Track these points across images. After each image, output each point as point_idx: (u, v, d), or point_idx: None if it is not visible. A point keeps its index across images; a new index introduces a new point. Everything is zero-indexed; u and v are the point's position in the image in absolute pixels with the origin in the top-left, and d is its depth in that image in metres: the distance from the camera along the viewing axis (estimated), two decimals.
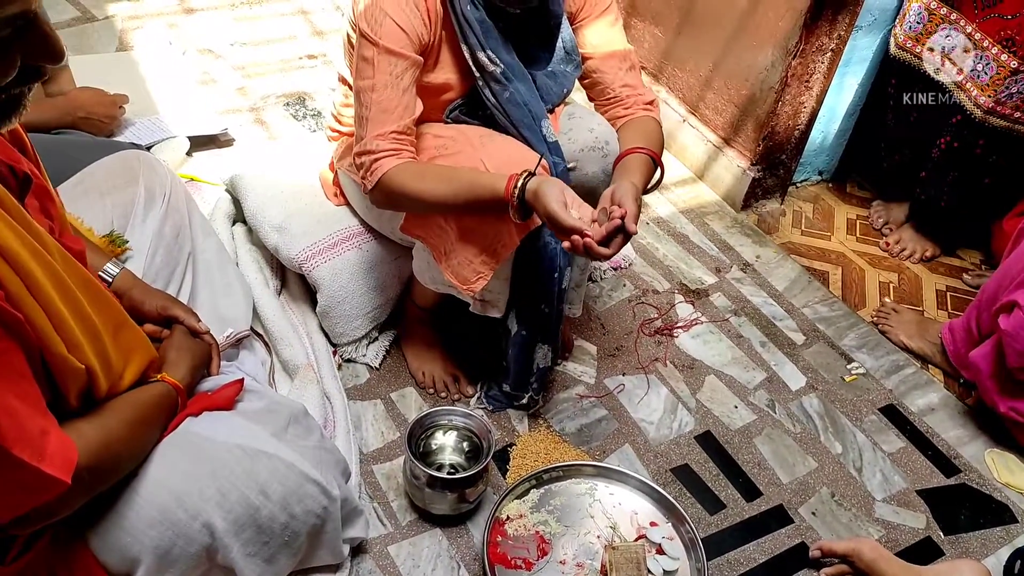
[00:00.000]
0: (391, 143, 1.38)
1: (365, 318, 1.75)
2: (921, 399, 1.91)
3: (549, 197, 1.27)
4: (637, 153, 1.46)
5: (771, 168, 2.36)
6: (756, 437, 1.77)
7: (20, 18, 0.80)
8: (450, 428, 1.57)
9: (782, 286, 2.17)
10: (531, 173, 1.32)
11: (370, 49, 1.36)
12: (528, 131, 1.46)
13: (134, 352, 1.14)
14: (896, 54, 2.17)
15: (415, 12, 1.37)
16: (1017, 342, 1.61)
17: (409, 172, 1.37)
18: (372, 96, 1.37)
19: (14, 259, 0.89)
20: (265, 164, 1.95)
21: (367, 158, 1.38)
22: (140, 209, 1.52)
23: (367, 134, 1.38)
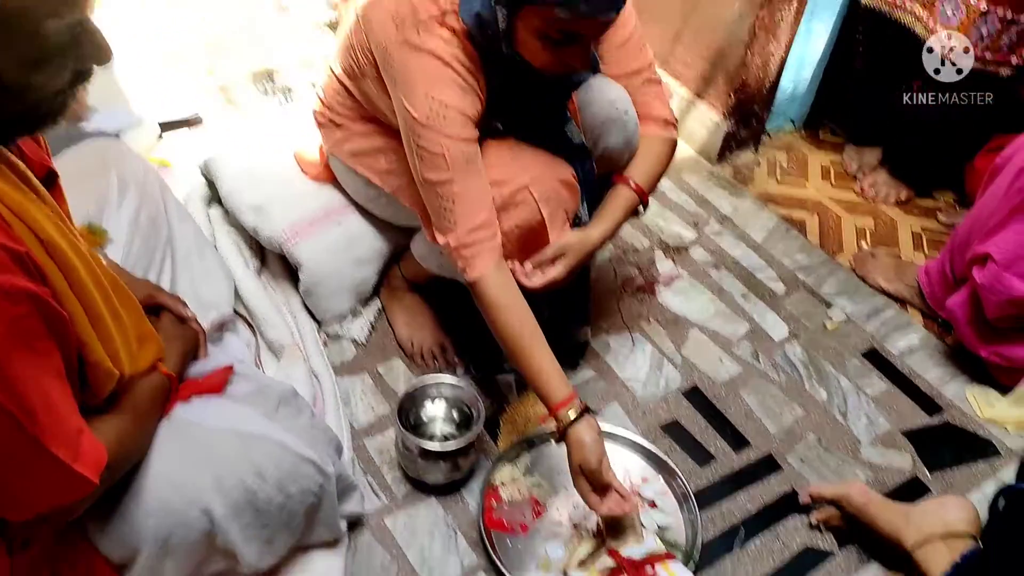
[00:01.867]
0: (484, 232, 1.36)
1: (348, 294, 1.75)
2: (902, 341, 1.94)
3: (592, 453, 1.32)
4: (626, 188, 1.51)
5: (744, 119, 2.36)
6: (742, 388, 1.80)
7: (79, 26, 0.83)
8: (439, 398, 1.58)
9: (760, 237, 2.19)
10: (587, 409, 1.35)
11: (437, 144, 1.31)
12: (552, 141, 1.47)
13: (149, 351, 1.15)
14: (867, 2, 2.16)
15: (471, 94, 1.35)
16: (993, 295, 1.63)
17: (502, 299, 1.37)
18: (454, 189, 1.33)
19: (60, 256, 0.90)
20: (238, 144, 1.93)
21: (466, 252, 1.36)
22: (114, 198, 1.50)
23: (459, 228, 1.35)
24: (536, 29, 1.24)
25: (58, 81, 0.85)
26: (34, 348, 0.85)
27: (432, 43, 1.31)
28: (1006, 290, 1.61)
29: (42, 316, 0.85)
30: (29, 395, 0.84)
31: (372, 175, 1.58)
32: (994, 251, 1.63)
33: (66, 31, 0.82)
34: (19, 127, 0.90)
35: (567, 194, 1.46)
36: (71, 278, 0.91)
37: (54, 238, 0.89)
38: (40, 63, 0.83)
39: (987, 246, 1.65)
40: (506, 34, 1.28)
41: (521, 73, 1.34)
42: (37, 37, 0.80)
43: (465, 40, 1.33)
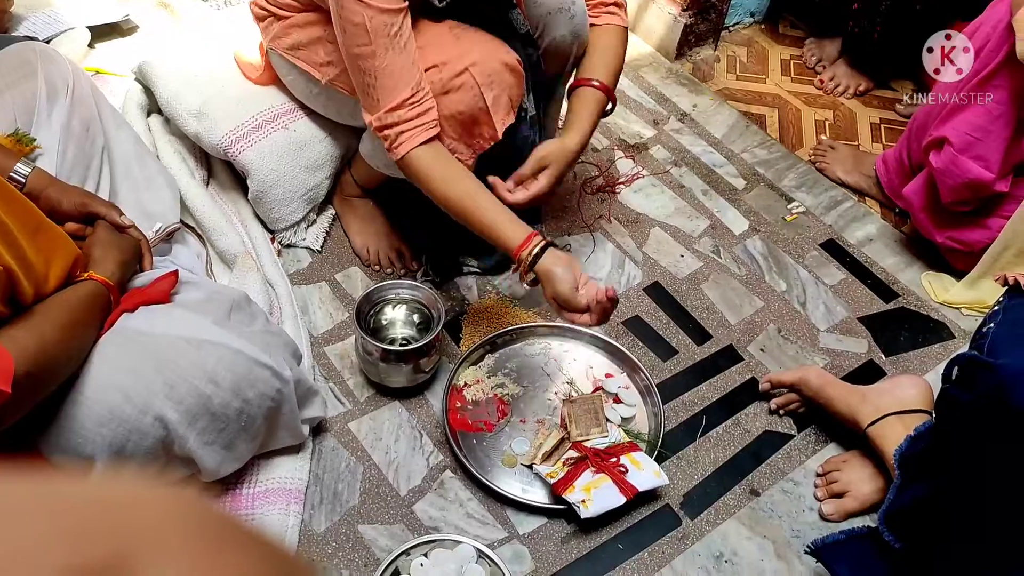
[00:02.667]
0: (409, 110, 1.31)
1: (300, 201, 1.70)
2: (859, 231, 1.95)
3: (560, 282, 1.30)
4: (591, 88, 1.47)
5: (702, 13, 2.31)
6: (703, 283, 1.79)
7: None
8: (398, 302, 1.55)
9: (720, 133, 2.16)
10: (549, 242, 1.32)
11: (359, 13, 1.25)
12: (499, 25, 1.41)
13: (55, 253, 1.09)
14: None
15: None
16: (949, 178, 1.63)
17: (437, 169, 1.34)
18: (375, 64, 1.28)
19: None
20: (174, 48, 1.84)
21: (389, 132, 1.32)
22: (43, 104, 1.42)
23: (380, 107, 1.31)
24: None
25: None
26: None
27: None
28: (962, 173, 1.61)
29: None
30: None
31: (311, 68, 1.52)
32: (950, 134, 1.62)
33: None
34: None
35: (511, 79, 1.40)
36: None
37: None
38: None
39: (943, 130, 1.64)
40: None
41: None
42: None
43: None
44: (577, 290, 1.31)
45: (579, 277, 1.32)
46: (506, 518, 1.39)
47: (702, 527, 1.41)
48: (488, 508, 1.40)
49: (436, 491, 1.41)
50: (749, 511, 1.43)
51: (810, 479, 1.48)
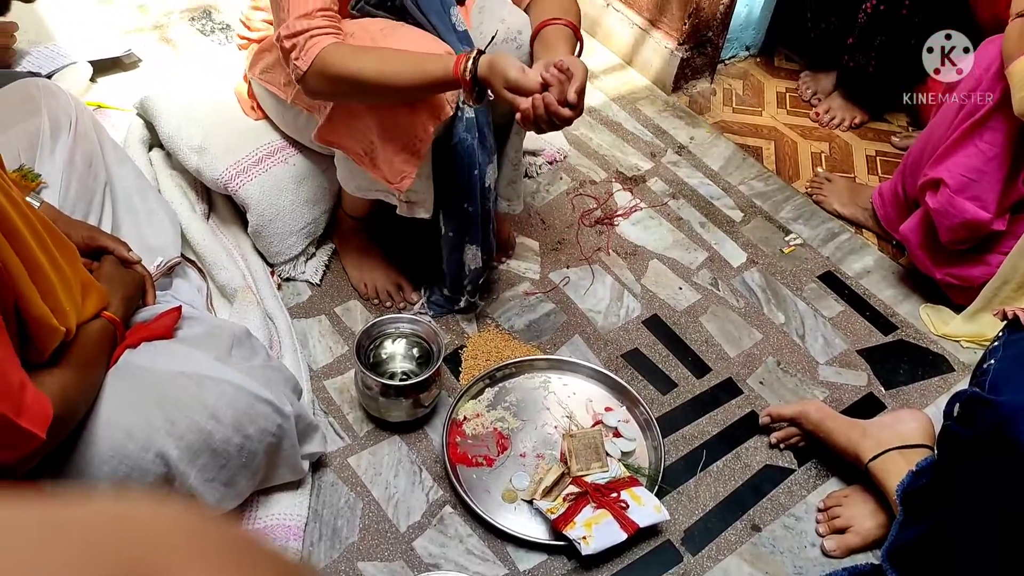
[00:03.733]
0: (320, 19, 1.29)
1: (299, 234, 1.70)
2: (857, 263, 1.95)
3: (508, 66, 1.23)
4: (555, 25, 1.40)
5: (699, 47, 2.33)
6: (702, 316, 1.80)
7: None
8: (398, 336, 1.55)
9: (717, 165, 2.18)
10: (481, 52, 1.27)
11: None
12: (437, 18, 1.40)
13: (92, 291, 1.10)
14: None
15: None
16: (946, 218, 1.64)
17: (347, 50, 1.29)
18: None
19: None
20: (176, 83, 1.86)
21: (298, 39, 1.28)
22: (47, 140, 1.44)
23: (290, 15, 1.28)
24: None
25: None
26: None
27: None
28: (959, 213, 1.62)
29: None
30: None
31: (276, 89, 1.53)
32: (946, 176, 1.63)
33: None
34: None
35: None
36: (5, 228, 0.87)
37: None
38: None
39: (938, 171, 1.65)
40: None
41: None
42: None
43: None
44: (523, 71, 1.25)
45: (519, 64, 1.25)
46: (506, 554, 1.38)
47: (703, 563, 1.40)
48: (488, 544, 1.39)
49: (436, 527, 1.40)
50: (751, 547, 1.43)
51: (811, 514, 1.47)
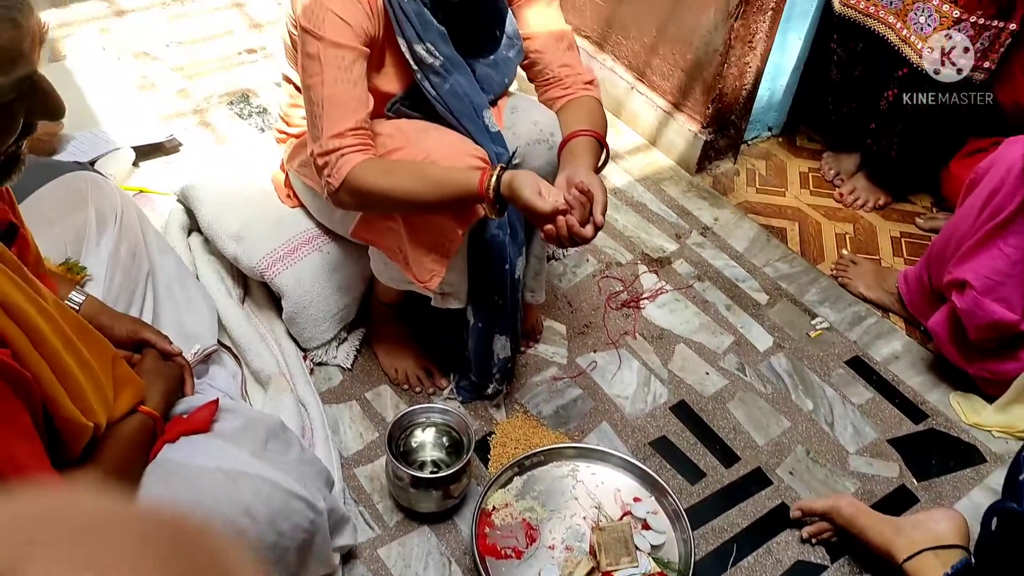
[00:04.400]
0: (352, 139, 1.34)
1: (332, 320, 1.74)
2: (885, 348, 1.96)
3: (524, 186, 1.26)
4: (583, 136, 1.45)
5: (722, 129, 2.37)
6: (729, 402, 1.80)
7: (25, 81, 0.82)
8: (429, 425, 1.57)
9: (742, 247, 2.20)
10: (504, 167, 1.31)
11: (314, 45, 1.33)
12: (469, 122, 1.45)
13: (126, 388, 1.13)
14: (841, 12, 2.18)
15: (356, 5, 1.34)
16: (974, 319, 1.65)
17: (376, 168, 1.34)
18: (323, 92, 1.33)
19: (19, 314, 0.88)
20: (215, 170, 1.92)
21: (330, 157, 1.34)
22: (93, 233, 1.48)
23: (323, 134, 1.34)
24: None
25: (7, 137, 0.85)
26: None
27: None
28: (986, 315, 1.63)
29: (3, 377, 0.84)
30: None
31: (314, 183, 1.58)
32: (971, 277, 1.64)
33: (12, 88, 0.81)
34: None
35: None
36: (33, 336, 0.89)
37: (11, 297, 0.87)
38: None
39: (964, 272, 1.66)
40: None
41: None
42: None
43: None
44: (541, 194, 1.27)
45: (544, 189, 1.28)
46: None
47: None
48: None
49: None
50: None
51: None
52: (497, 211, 1.33)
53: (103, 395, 1.04)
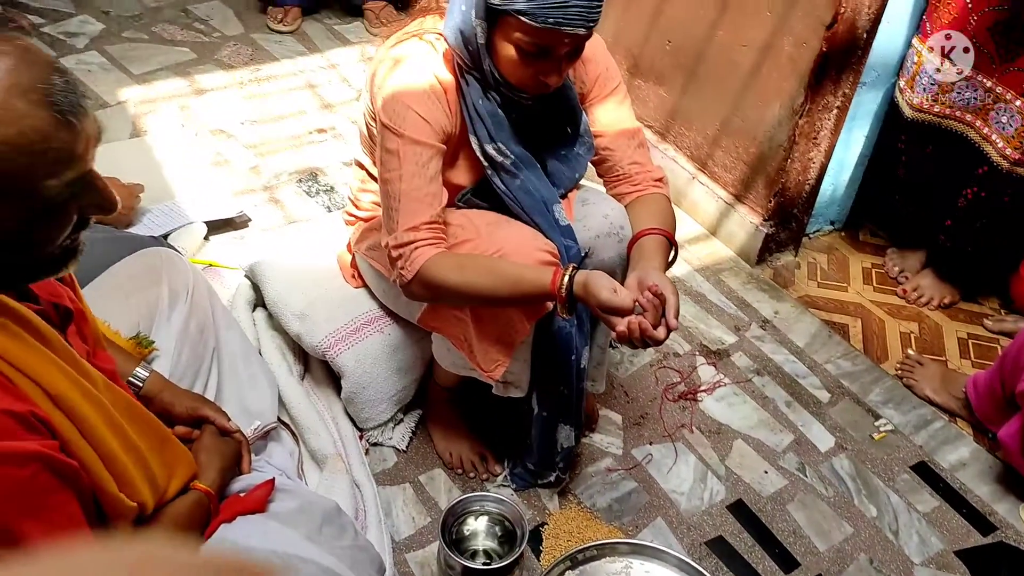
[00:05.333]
0: (426, 232, 1.37)
1: (390, 401, 1.75)
2: (952, 454, 1.89)
3: (600, 287, 1.28)
4: (653, 235, 1.47)
5: (784, 222, 2.37)
6: (789, 503, 1.75)
7: (79, 181, 0.85)
8: (482, 513, 1.56)
9: (803, 342, 2.17)
10: (576, 267, 1.33)
11: (394, 141, 1.37)
12: (539, 216, 1.47)
13: (177, 467, 1.15)
14: (914, 117, 2.16)
15: (436, 104, 1.39)
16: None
17: (449, 263, 1.36)
18: (400, 187, 1.37)
19: (67, 405, 0.90)
20: (283, 248, 1.97)
21: (404, 250, 1.36)
22: (164, 308, 1.53)
23: (399, 227, 1.37)
24: (512, 41, 1.30)
25: (60, 233, 0.88)
26: (46, 504, 0.85)
27: (408, 51, 1.40)
28: None
29: (51, 471, 0.85)
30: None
31: (383, 268, 1.60)
32: None
33: (65, 189, 0.84)
34: (24, 276, 0.92)
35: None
36: (81, 426, 0.92)
37: (60, 387, 0.89)
38: (40, 219, 0.85)
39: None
40: (486, 48, 1.34)
41: (503, 97, 1.40)
42: (36, 196, 0.82)
43: (446, 59, 1.41)
44: (615, 292, 1.27)
45: (619, 288, 1.28)
46: None
47: None
48: None
49: None
50: None
51: None
52: (568, 310, 1.33)
53: (149, 475, 1.05)
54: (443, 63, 1.41)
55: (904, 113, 2.18)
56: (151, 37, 2.99)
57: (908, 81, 2.17)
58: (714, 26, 2.26)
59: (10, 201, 0.82)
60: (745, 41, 2.19)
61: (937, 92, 2.10)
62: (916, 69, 2.13)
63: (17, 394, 0.85)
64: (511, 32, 1.29)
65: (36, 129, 0.80)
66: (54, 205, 0.85)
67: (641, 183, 1.57)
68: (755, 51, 2.17)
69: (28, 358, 0.88)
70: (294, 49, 3.04)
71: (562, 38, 1.28)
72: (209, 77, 2.83)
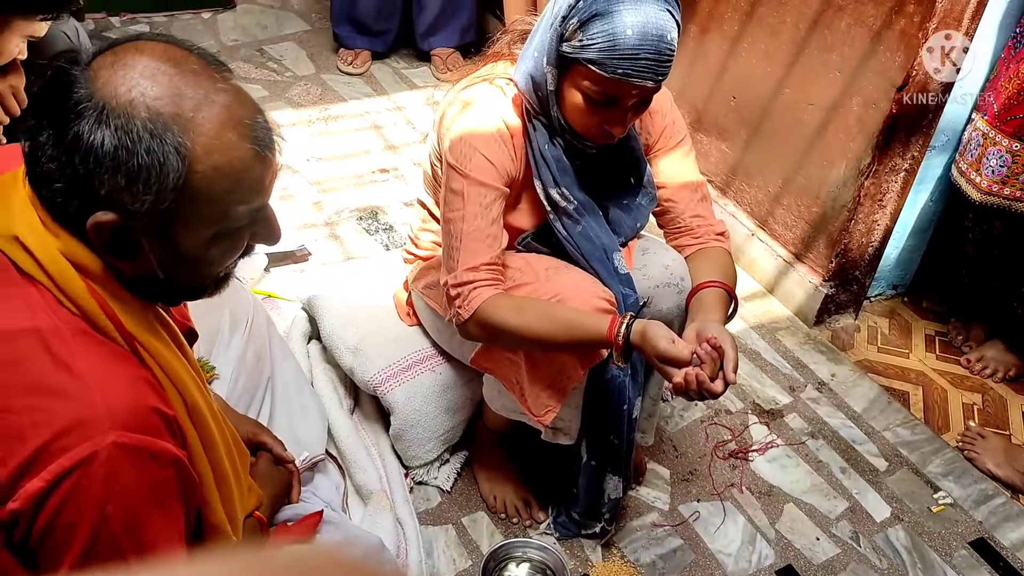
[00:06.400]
0: (485, 273, 1.37)
1: (438, 440, 1.74)
2: (1013, 532, 1.82)
3: (658, 337, 1.27)
4: (713, 287, 1.45)
5: (844, 284, 2.33)
6: (841, 572, 1.70)
7: (260, 210, 0.90)
8: (524, 560, 1.54)
9: (860, 407, 2.11)
10: (634, 316, 1.32)
11: (460, 182, 1.38)
12: (599, 264, 1.47)
13: (252, 496, 1.16)
14: (983, 200, 2.05)
15: (503, 148, 1.41)
16: None
17: (507, 305, 1.36)
18: (463, 227, 1.38)
19: (200, 419, 0.93)
20: (340, 283, 1.99)
21: (463, 289, 1.37)
22: (225, 334, 1.56)
23: (459, 266, 1.38)
24: (580, 89, 1.31)
25: (231, 258, 0.92)
26: (166, 510, 0.86)
27: (478, 94, 1.42)
28: None
29: (179, 479, 0.87)
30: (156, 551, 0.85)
31: (438, 306, 1.61)
32: None
33: (248, 215, 0.88)
34: (187, 294, 0.96)
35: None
36: (206, 440, 0.94)
37: (197, 401, 0.92)
38: (219, 241, 0.88)
39: None
40: (555, 95, 1.35)
41: (568, 144, 1.41)
42: (226, 219, 0.87)
43: (514, 104, 1.42)
44: (673, 343, 1.26)
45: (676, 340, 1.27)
46: None
47: None
48: None
49: None
50: None
51: None
52: (623, 358, 1.32)
53: (245, 504, 1.07)
54: (511, 108, 1.43)
55: (971, 197, 2.08)
56: None
57: (973, 164, 2.07)
58: (781, 84, 2.26)
59: (207, 221, 0.86)
60: (812, 100, 2.19)
61: (1006, 175, 2.02)
62: (982, 152, 2.05)
63: (164, 398, 0.88)
64: (580, 80, 1.31)
65: (241, 159, 0.85)
66: (236, 231, 0.89)
67: (703, 236, 1.56)
68: (822, 110, 2.16)
69: (174, 364, 0.91)
70: (362, 91, 3.11)
71: (630, 89, 1.29)
72: (279, 114, 2.91)
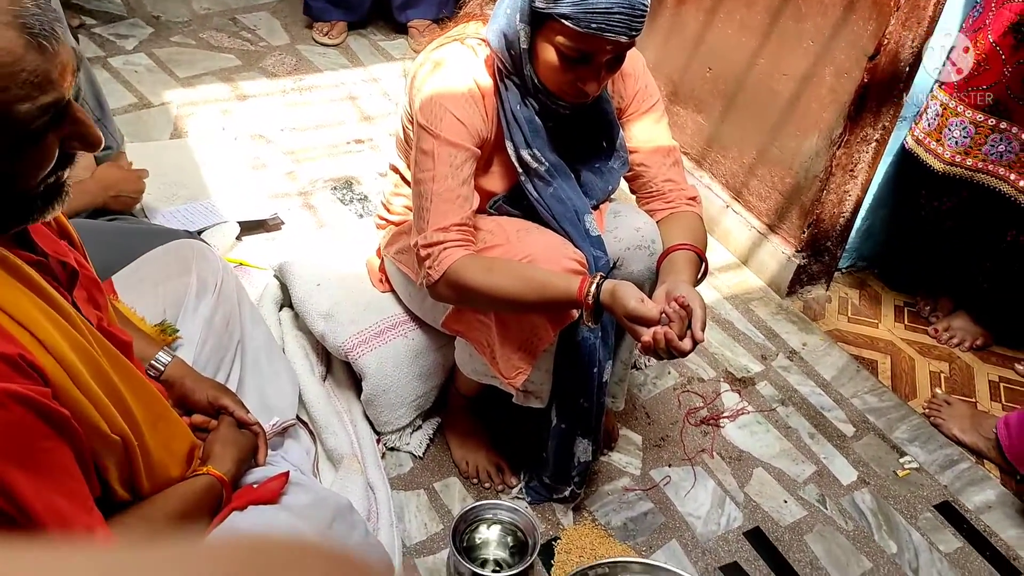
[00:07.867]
0: (456, 234, 1.37)
1: (410, 406, 1.74)
2: (977, 496, 1.85)
3: (628, 296, 1.26)
4: (683, 250, 1.46)
5: (816, 254, 2.35)
6: (807, 534, 1.72)
7: (53, 106, 0.83)
8: (495, 522, 1.54)
9: (830, 375, 2.14)
10: (604, 276, 1.32)
11: (430, 142, 1.38)
12: (570, 226, 1.47)
13: (173, 443, 1.15)
14: (945, 170, 2.09)
15: (474, 107, 1.40)
16: None
17: (477, 265, 1.36)
18: (433, 187, 1.37)
19: (58, 352, 0.90)
20: (313, 250, 1.98)
21: (433, 250, 1.36)
22: (192, 298, 1.54)
23: (429, 227, 1.37)
24: (554, 45, 1.31)
25: (41, 166, 0.86)
26: (35, 449, 0.84)
27: (449, 54, 1.42)
28: None
29: (41, 417, 0.84)
30: (29, 499, 0.83)
31: (409, 271, 1.61)
32: None
33: (41, 114, 0.82)
34: (13, 217, 0.90)
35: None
36: (72, 375, 0.91)
37: (50, 336, 0.88)
38: (18, 148, 0.83)
39: None
40: (528, 53, 1.35)
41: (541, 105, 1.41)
42: (13, 122, 0.81)
43: (486, 64, 1.42)
44: (642, 302, 1.26)
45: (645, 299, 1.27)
46: None
47: None
48: None
49: None
50: None
51: None
52: (593, 318, 1.32)
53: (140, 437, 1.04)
54: (483, 68, 1.42)
55: (932, 167, 2.12)
56: (198, 43, 3.05)
57: (932, 134, 2.10)
58: (755, 55, 2.27)
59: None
60: (786, 70, 2.19)
61: (969, 145, 2.05)
62: (941, 123, 2.07)
63: (6, 336, 0.83)
64: (554, 36, 1.30)
65: (6, 50, 0.78)
66: (31, 133, 0.83)
67: (674, 200, 1.56)
68: (795, 81, 2.17)
69: (19, 301, 0.87)
70: (337, 62, 3.08)
71: (604, 44, 1.28)
72: (252, 84, 2.88)
